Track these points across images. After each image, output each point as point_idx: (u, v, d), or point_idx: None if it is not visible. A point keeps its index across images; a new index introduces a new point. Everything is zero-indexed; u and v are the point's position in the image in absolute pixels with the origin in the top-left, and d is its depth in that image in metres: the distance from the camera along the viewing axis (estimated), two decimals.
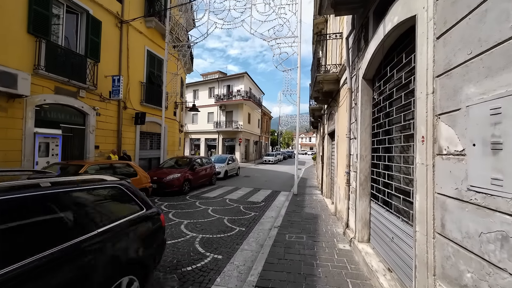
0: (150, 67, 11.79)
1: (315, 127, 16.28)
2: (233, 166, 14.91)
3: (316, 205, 7.45)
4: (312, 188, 10.93)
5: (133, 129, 10.73)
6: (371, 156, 3.88)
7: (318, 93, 7.37)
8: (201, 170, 10.15)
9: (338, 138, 6.19)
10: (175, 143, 14.26)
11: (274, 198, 8.72)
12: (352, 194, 4.42)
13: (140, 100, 11.15)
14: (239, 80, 29.31)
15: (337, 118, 6.38)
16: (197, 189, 9.81)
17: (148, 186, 6.93)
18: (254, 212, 6.59)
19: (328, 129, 8.13)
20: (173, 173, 8.52)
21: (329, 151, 8.25)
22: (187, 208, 6.70)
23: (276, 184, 12.42)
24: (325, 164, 8.59)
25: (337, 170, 6.28)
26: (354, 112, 4.31)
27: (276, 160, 30.95)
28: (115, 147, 9.73)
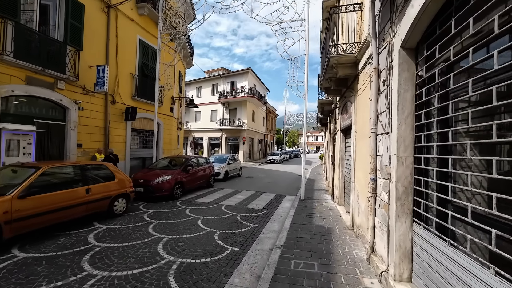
0: (143, 58, 10.80)
1: (323, 124, 15.04)
2: (234, 166, 13.84)
3: (327, 214, 6.30)
4: (321, 192, 9.76)
5: (123, 125, 9.77)
6: (413, 158, 2.72)
7: (330, 82, 6.20)
8: (197, 171, 9.11)
9: (356, 135, 5.02)
10: (172, 141, 13.29)
11: (277, 205, 7.60)
12: (381, 209, 3.27)
13: (132, 94, 10.18)
14: (243, 76, 28.22)
15: (354, 110, 5.21)
16: (192, 193, 8.78)
17: (130, 190, 5.91)
18: (253, 224, 5.49)
19: (342, 125, 6.95)
20: (163, 175, 7.50)
21: (342, 151, 7.08)
22: (173, 218, 5.66)
23: (281, 187, 11.29)
24: (337, 166, 7.42)
25: (354, 174, 5.11)
26: (386, 98, 3.15)
27: (282, 160, 29.77)
28: (102, 145, 8.78)
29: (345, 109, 6.51)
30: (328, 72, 5.72)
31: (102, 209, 5.25)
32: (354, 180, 5.11)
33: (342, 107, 6.86)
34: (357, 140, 4.95)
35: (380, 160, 3.38)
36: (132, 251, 3.81)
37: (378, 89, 3.55)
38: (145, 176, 7.53)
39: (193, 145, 31.48)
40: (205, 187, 10.01)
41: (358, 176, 4.77)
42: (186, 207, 6.69)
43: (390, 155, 2.95)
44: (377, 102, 3.56)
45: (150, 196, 7.20)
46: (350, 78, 5.60)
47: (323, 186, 11.69)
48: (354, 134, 5.15)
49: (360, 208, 4.47)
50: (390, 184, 2.93)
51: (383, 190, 3.23)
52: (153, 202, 7.13)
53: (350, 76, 5.38)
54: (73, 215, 4.56)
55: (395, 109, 2.82)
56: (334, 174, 8.25)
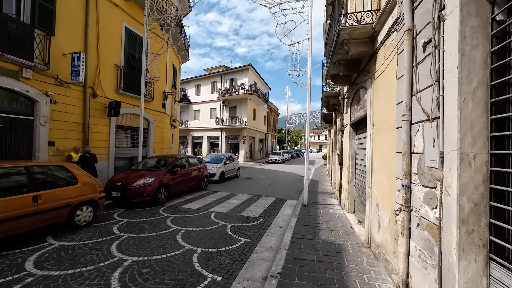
0: (130, 48, 9.83)
1: (327, 121, 13.99)
2: (231, 166, 12.83)
3: (335, 224, 5.26)
4: (326, 196, 8.71)
5: (106, 122, 8.81)
6: (488, 156, 1.69)
7: (338, 66, 5.16)
8: (187, 172, 8.11)
9: (374, 128, 3.98)
10: (164, 140, 12.32)
11: (277, 211, 6.58)
12: (422, 232, 2.23)
13: (116, 87, 9.21)
14: (243, 73, 27.22)
15: (370, 97, 4.17)
16: (180, 197, 7.78)
17: (98, 196, 4.92)
18: (245, 238, 4.47)
19: (351, 118, 5.90)
20: (145, 177, 6.50)
21: (352, 149, 6.03)
22: (149, 230, 4.65)
23: (281, 189, 10.26)
24: (346, 167, 6.37)
25: (371, 176, 4.07)
26: (432, 67, 2.11)
27: (283, 159, 28.71)
28: (80, 143, 7.83)
29: (356, 98, 5.46)
30: (336, 53, 4.68)
31: (59, 220, 4.27)
32: (370, 185, 4.07)
33: (352, 97, 5.81)
34: (375, 135, 3.91)
35: (419, 159, 2.34)
36: (75, 284, 2.81)
37: (412, 59, 2.52)
38: (124, 178, 6.54)
39: (187, 145, 30.45)
40: (196, 190, 9.01)
41: (378, 180, 3.73)
42: (169, 215, 5.69)
43: (441, 152, 1.92)
44: (411, 78, 2.53)
45: (129, 202, 6.21)
46: (364, 59, 4.56)
47: (328, 188, 10.64)
48: (371, 127, 4.10)
49: (382, 222, 3.43)
50: (443, 196, 1.90)
51: (426, 204, 2.20)
52: (131, 209, 6.15)
53: (364, 55, 4.34)
54: (12, 230, 3.58)
55: (454, 79, 1.79)
56: (341, 176, 7.20)
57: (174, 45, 13.82)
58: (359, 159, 5.58)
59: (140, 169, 7.36)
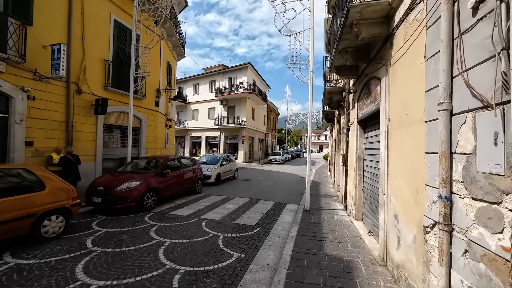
0: (119, 42, 9.22)
1: (329, 120, 13.35)
2: (229, 167, 12.20)
3: (341, 234, 4.63)
4: (329, 199, 8.08)
5: (92, 120, 8.19)
6: None
7: (345, 55, 4.54)
8: (178, 174, 7.47)
9: (391, 124, 3.35)
10: (158, 140, 11.70)
11: (276, 218, 5.95)
12: (477, 264, 1.61)
13: (104, 84, 8.59)
14: (242, 71, 26.61)
15: (385, 87, 3.54)
16: (170, 202, 7.15)
17: (71, 204, 4.30)
18: (238, 253, 3.84)
19: (360, 114, 5.27)
20: (130, 181, 5.87)
21: (360, 149, 5.40)
22: (128, 243, 4.03)
23: (281, 192, 9.63)
24: (352, 168, 5.74)
25: (386, 181, 3.44)
26: (499, 29, 1.49)
27: (283, 160, 28.08)
28: (63, 143, 7.22)
29: (365, 92, 4.83)
30: (344, 39, 4.06)
31: (21, 233, 3.65)
32: (386, 191, 3.44)
33: (360, 91, 5.18)
34: (392, 131, 3.29)
35: (467, 161, 1.72)
36: None
37: (453, 29, 1.90)
38: (107, 181, 5.92)
39: (183, 145, 29.82)
40: (190, 193, 8.38)
41: (396, 186, 3.10)
42: (155, 224, 5.06)
43: (510, 152, 1.30)
44: (451, 54, 1.90)
45: (112, 209, 5.59)
46: (377, 43, 3.94)
47: (330, 191, 10.00)
48: (386, 123, 3.48)
49: (403, 238, 2.80)
50: None
51: (480, 225, 1.57)
52: (114, 216, 5.52)
53: (377, 38, 3.71)
54: None
55: None
56: (347, 178, 6.57)
57: (169, 41, 13.22)
58: (368, 160, 4.95)
59: (127, 171, 6.73)
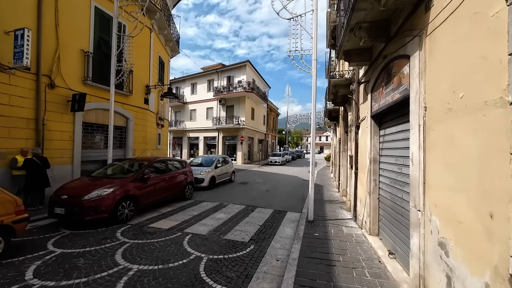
0: (101, 32, 8.34)
1: (333, 118, 12.45)
2: (224, 170, 11.29)
3: (355, 255, 3.71)
4: (334, 206, 7.16)
5: (69, 118, 7.30)
6: None
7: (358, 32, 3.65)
8: (163, 179, 6.55)
9: (428, 114, 2.43)
10: (148, 140, 10.81)
11: (274, 231, 5.03)
12: None
13: (83, 77, 7.71)
14: (240, 70, 25.73)
15: (419, 66, 2.63)
16: (154, 210, 6.24)
17: (13, 220, 3.40)
18: (222, 286, 2.93)
19: (375, 107, 4.35)
20: (101, 187, 4.96)
21: (375, 149, 4.48)
22: (79, 274, 3.10)
23: (281, 197, 8.71)
24: (365, 173, 4.83)
25: (423, 193, 2.51)
26: None
27: (284, 161, 27.15)
28: (32, 144, 6.34)
29: (383, 77, 3.92)
30: (358, 9, 3.19)
31: None
32: (422, 206, 2.52)
33: (375, 78, 4.27)
34: (433, 124, 2.37)
35: None
36: None
37: None
38: (74, 189, 5.01)
39: (176, 146, 28.88)
40: (179, 200, 7.46)
41: (443, 201, 2.17)
42: (126, 242, 4.15)
43: None
44: None
45: (79, 221, 4.68)
46: (404, 10, 3.03)
47: (335, 195, 9.08)
48: (421, 114, 2.57)
49: (460, 282, 1.88)
50: None
51: None
52: (81, 231, 4.61)
53: (405, 2, 2.81)
54: None
55: None
56: (356, 183, 5.65)
57: (160, 34, 12.35)
58: (387, 163, 4.03)
59: (102, 176, 5.81)
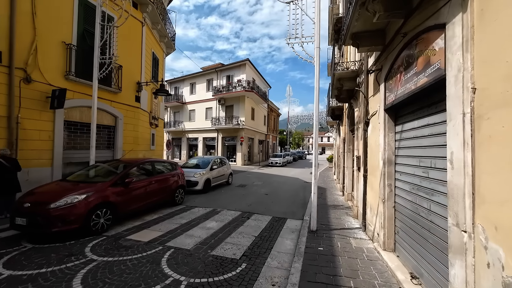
0: (86, 23, 7.74)
1: (336, 117, 11.74)
2: (221, 171, 10.62)
3: (369, 278, 3.02)
4: (339, 212, 6.46)
5: (48, 116, 6.68)
6: None
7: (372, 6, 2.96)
8: (147, 183, 5.87)
9: (479, 99, 1.75)
10: (140, 140, 10.17)
11: (271, 244, 4.34)
12: None
13: (65, 72, 7.09)
14: (240, 69, 25.10)
15: (463, 32, 1.96)
16: (137, 218, 5.58)
17: None
18: None
19: (390, 98, 3.65)
20: (71, 193, 4.30)
21: (390, 148, 3.78)
22: None
23: (281, 201, 8.02)
24: (378, 176, 4.13)
25: (468, 209, 1.82)
26: None
27: (285, 162, 26.43)
28: (4, 144, 5.71)
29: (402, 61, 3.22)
30: None
31: None
32: (470, 227, 1.83)
33: (391, 64, 3.57)
34: (490, 112, 1.69)
35: None
36: None
37: None
38: (41, 195, 4.35)
39: (170, 146, 28.24)
40: (168, 205, 6.80)
41: None
42: (92, 260, 3.48)
43: None
44: None
45: (45, 233, 4.02)
46: None
47: (339, 199, 8.38)
48: (468, 99, 1.88)
49: None
50: None
51: None
52: (45, 245, 3.95)
53: None
54: None
55: None
56: (366, 188, 4.95)
57: (154, 29, 11.74)
58: (406, 165, 3.33)
59: (78, 180, 5.15)
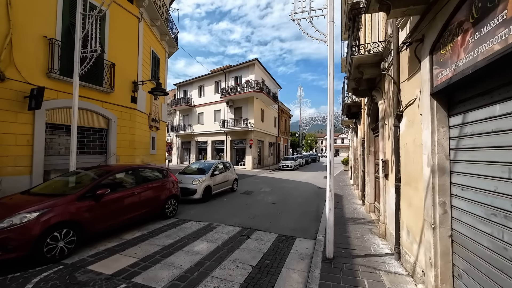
0: (72, 17, 7.06)
1: (352, 114, 10.44)
2: (224, 177, 9.62)
3: None
4: (361, 228, 5.24)
5: (26, 118, 5.99)
6: None
7: None
8: (129, 194, 4.92)
9: None
10: (136, 144, 9.41)
11: (273, 279, 3.24)
12: None
13: (48, 69, 6.42)
14: (248, 69, 24.24)
15: None
16: (114, 236, 4.66)
17: None
18: None
19: (441, 77, 2.48)
20: (20, 211, 3.44)
21: (442, 150, 2.58)
22: None
23: (290, 212, 6.89)
24: (423, 190, 2.95)
25: None
26: None
27: (297, 165, 25.10)
28: None
29: (468, 15, 2.08)
30: None
31: None
32: None
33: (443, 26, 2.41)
34: None
35: None
36: None
37: None
38: None
39: (170, 150, 27.60)
40: (157, 218, 5.87)
41: None
42: None
43: None
44: None
45: None
46: None
47: (359, 210, 7.11)
48: None
49: None
50: None
51: None
52: None
53: None
54: None
55: None
56: (400, 203, 3.73)
57: (154, 26, 11.06)
58: (475, 176, 2.14)
59: (42, 192, 4.30)
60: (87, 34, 6.14)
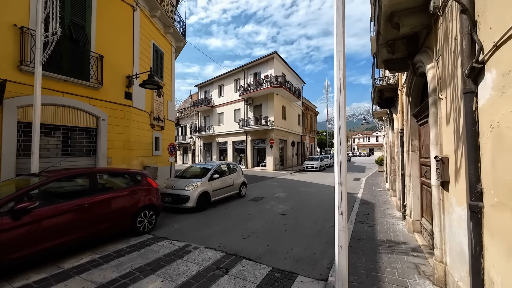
0: None
1: (385, 103, 8.29)
2: (227, 181, 8.24)
3: None
4: (402, 261, 3.41)
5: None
6: None
7: None
8: (72, 208, 3.77)
9: None
10: (132, 145, 8.54)
11: None
12: None
13: (19, 61, 5.73)
14: (267, 64, 22.74)
15: None
16: (47, 265, 3.54)
17: None
18: None
19: None
20: None
21: None
22: None
23: (301, 229, 5.21)
24: None
25: None
26: None
27: (323, 166, 22.81)
28: None
29: None
30: None
31: None
32: None
33: None
34: None
35: None
36: None
37: None
38: None
39: (172, 150, 26.83)
40: (128, 236, 4.71)
41: None
42: None
43: None
44: None
45: None
46: None
47: (397, 226, 5.15)
48: None
49: None
50: None
51: None
52: None
53: None
54: None
55: None
56: (482, 239, 1.94)
57: (154, 17, 10.22)
58: None
59: None
60: (48, 15, 5.27)
